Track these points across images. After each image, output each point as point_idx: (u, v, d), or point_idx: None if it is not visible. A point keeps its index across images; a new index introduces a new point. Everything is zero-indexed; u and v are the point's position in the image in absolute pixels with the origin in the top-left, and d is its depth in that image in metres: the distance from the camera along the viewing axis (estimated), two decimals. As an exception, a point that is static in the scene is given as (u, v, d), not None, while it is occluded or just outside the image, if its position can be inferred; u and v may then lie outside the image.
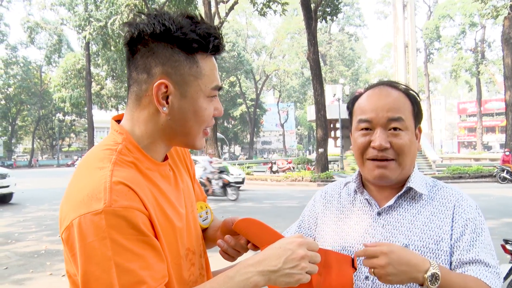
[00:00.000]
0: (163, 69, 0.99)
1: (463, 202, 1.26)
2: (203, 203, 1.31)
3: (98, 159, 0.97)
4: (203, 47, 1.00)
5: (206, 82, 1.02)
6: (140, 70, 1.01)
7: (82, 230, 0.86)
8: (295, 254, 0.94)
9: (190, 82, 1.00)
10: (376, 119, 1.26)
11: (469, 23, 47.30)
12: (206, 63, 1.02)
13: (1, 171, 15.04)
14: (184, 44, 0.98)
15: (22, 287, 5.65)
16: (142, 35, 0.98)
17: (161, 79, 0.98)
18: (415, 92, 1.32)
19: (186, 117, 1.02)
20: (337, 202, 1.42)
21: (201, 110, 1.03)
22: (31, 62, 57.37)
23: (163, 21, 0.97)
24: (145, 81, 1.00)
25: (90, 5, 33.80)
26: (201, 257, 1.18)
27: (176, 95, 1.00)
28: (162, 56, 0.98)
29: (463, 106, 68.63)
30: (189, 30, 0.98)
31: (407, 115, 1.25)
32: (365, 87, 1.38)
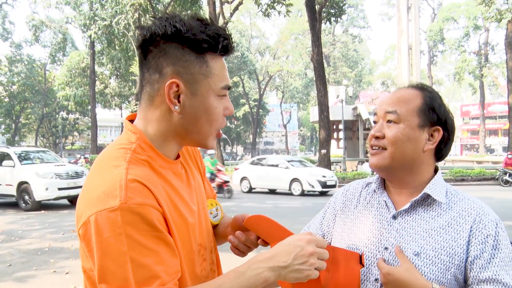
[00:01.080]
0: (174, 69, 1.02)
1: (484, 217, 1.24)
2: (213, 200, 1.35)
3: (113, 157, 1.02)
4: (213, 47, 1.03)
5: (216, 81, 1.06)
6: (152, 71, 1.04)
7: (98, 226, 0.90)
8: (305, 251, 0.97)
9: (200, 81, 1.04)
10: (378, 112, 1.34)
11: (473, 26, 47.23)
12: (216, 63, 1.05)
13: (77, 169, 14.33)
14: (194, 44, 1.02)
15: (25, 284, 5.69)
16: (154, 37, 1.02)
17: (172, 79, 1.02)
18: (437, 94, 1.33)
19: (197, 115, 1.05)
20: (357, 201, 1.43)
21: (211, 108, 1.06)
22: (36, 60, 57.41)
23: (174, 23, 1.01)
24: (157, 81, 1.04)
25: (95, 4, 33.91)
26: (212, 252, 1.21)
27: (187, 94, 1.04)
28: (173, 56, 1.02)
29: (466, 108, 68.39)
30: (199, 31, 1.01)
31: (407, 110, 1.28)
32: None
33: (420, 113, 1.28)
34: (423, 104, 1.29)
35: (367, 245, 1.30)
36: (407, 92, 1.32)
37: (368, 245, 1.30)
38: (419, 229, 1.25)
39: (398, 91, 1.35)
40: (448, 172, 23.18)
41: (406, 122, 1.27)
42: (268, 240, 1.15)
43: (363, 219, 1.37)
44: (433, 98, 1.31)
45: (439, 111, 1.30)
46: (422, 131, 1.28)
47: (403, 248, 1.24)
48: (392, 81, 61.11)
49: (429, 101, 1.30)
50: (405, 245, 1.25)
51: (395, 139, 1.27)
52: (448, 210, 1.27)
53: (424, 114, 1.28)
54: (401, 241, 1.26)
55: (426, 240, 1.23)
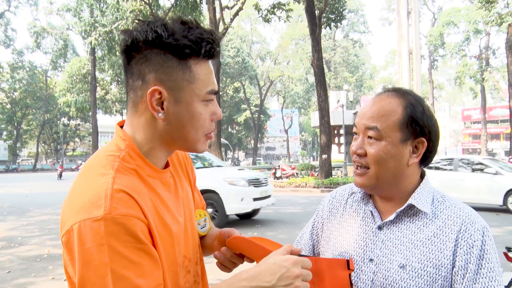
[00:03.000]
0: (156, 76, 1.00)
1: (470, 226, 1.18)
2: (202, 210, 1.32)
3: (101, 165, 1.00)
4: (195, 52, 1.00)
5: (201, 86, 1.03)
6: (136, 77, 1.02)
7: (81, 235, 0.88)
8: (290, 273, 0.94)
9: (183, 88, 1.01)
10: (358, 125, 1.26)
11: (473, 30, 47.25)
12: (200, 68, 1.03)
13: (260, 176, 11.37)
14: (176, 49, 0.99)
15: (24, 291, 5.67)
16: (136, 42, 1.00)
17: (154, 86, 1.00)
18: (418, 101, 1.25)
19: (182, 122, 1.03)
20: (343, 209, 1.40)
21: (196, 115, 1.03)
22: (37, 67, 57.77)
23: (155, 28, 0.98)
24: (140, 87, 1.02)
25: (96, 10, 34.02)
26: (197, 264, 1.19)
27: (171, 101, 1.01)
28: (155, 62, 1.00)
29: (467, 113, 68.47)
30: (181, 36, 0.99)
31: (388, 125, 1.20)
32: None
33: (401, 127, 1.20)
34: (405, 116, 1.21)
35: (353, 256, 1.27)
36: (387, 102, 1.23)
37: (354, 256, 1.26)
38: (405, 240, 1.21)
39: (378, 99, 1.26)
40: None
41: (388, 139, 1.20)
42: (252, 258, 1.14)
43: (349, 229, 1.34)
44: (415, 107, 1.22)
45: (422, 121, 1.22)
46: (405, 146, 1.21)
47: (388, 259, 1.21)
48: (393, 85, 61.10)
49: (410, 112, 1.21)
50: (390, 257, 1.21)
51: (378, 158, 1.21)
52: (434, 220, 1.22)
53: (406, 127, 1.21)
54: (387, 252, 1.22)
55: (412, 251, 1.19)
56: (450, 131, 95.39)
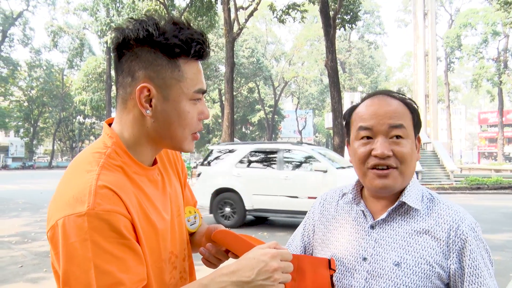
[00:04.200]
0: (145, 73, 1.02)
1: (461, 223, 1.20)
2: (192, 207, 1.33)
3: (87, 162, 1.02)
4: (185, 51, 1.02)
5: (189, 85, 1.05)
6: (125, 74, 1.04)
7: (65, 231, 0.90)
8: (268, 266, 0.95)
9: (172, 86, 1.03)
10: (377, 127, 1.22)
11: (491, 32, 46.63)
12: (189, 67, 1.05)
13: None
14: (166, 48, 1.01)
15: (36, 285, 5.76)
16: (127, 40, 1.02)
17: (143, 83, 1.02)
18: (413, 101, 1.29)
19: (170, 120, 1.05)
20: (334, 211, 1.40)
21: (183, 113, 1.05)
22: (54, 65, 58.47)
23: (146, 27, 1.01)
24: (129, 84, 1.04)
25: (112, 10, 34.34)
26: (184, 260, 1.21)
27: (159, 98, 1.03)
28: (145, 60, 1.02)
29: (484, 116, 67.57)
30: (172, 35, 1.01)
31: (408, 124, 1.22)
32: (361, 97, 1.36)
33: (414, 126, 1.26)
34: (414, 115, 1.26)
35: (346, 256, 1.27)
36: (395, 103, 1.25)
37: (347, 256, 1.27)
38: (398, 238, 1.22)
39: (384, 102, 1.25)
40: (464, 180, 22.84)
41: (411, 137, 1.23)
42: (236, 253, 1.14)
43: (341, 230, 1.34)
44: (412, 106, 1.28)
45: (419, 118, 1.29)
46: (414, 142, 1.26)
47: (382, 258, 1.22)
48: (409, 87, 60.64)
49: (413, 110, 1.27)
50: (384, 255, 1.22)
51: (408, 157, 1.20)
52: (425, 217, 1.23)
53: (415, 125, 1.26)
54: (380, 251, 1.23)
55: (405, 249, 1.20)
56: (466, 134, 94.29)
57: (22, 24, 53.10)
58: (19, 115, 57.63)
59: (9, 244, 8.47)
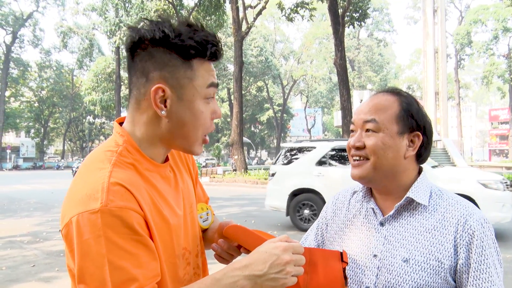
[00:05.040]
0: (160, 74, 1.03)
1: (469, 218, 1.21)
2: (204, 204, 1.34)
3: (99, 160, 1.03)
4: (201, 53, 1.03)
5: (201, 82, 1.05)
6: (139, 74, 1.05)
7: (79, 228, 0.91)
8: (280, 259, 0.96)
9: (185, 85, 1.04)
10: (356, 121, 1.31)
11: (502, 28, 46.22)
12: (202, 67, 1.05)
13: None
14: (182, 50, 1.02)
15: (48, 285, 5.80)
16: (142, 40, 1.03)
17: (158, 84, 1.02)
18: (413, 99, 1.31)
19: (184, 120, 1.05)
20: (346, 209, 1.43)
21: (198, 113, 1.06)
22: (64, 66, 58.98)
23: (162, 28, 1.01)
24: (143, 85, 1.04)
25: (121, 10, 34.52)
26: (197, 256, 1.21)
27: (174, 99, 1.04)
28: (160, 61, 1.02)
29: (494, 113, 67.00)
30: (187, 37, 1.01)
31: (385, 118, 1.25)
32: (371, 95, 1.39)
33: (398, 120, 1.26)
34: (401, 110, 1.26)
35: (357, 253, 1.29)
36: (384, 99, 1.29)
37: (358, 253, 1.29)
38: (406, 235, 1.24)
39: (374, 98, 1.32)
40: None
41: (386, 131, 1.25)
42: (248, 248, 1.14)
43: (353, 227, 1.37)
44: (410, 104, 1.29)
45: (417, 116, 1.28)
46: (402, 138, 1.26)
47: (391, 254, 1.24)
48: (418, 85, 60.33)
49: (406, 107, 1.27)
50: (393, 252, 1.24)
51: (376, 148, 1.25)
52: (433, 213, 1.25)
53: (403, 120, 1.26)
54: (390, 247, 1.25)
55: (414, 245, 1.22)
56: (477, 131, 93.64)
57: (32, 25, 53.60)
58: (29, 115, 58.20)
59: (21, 243, 8.52)
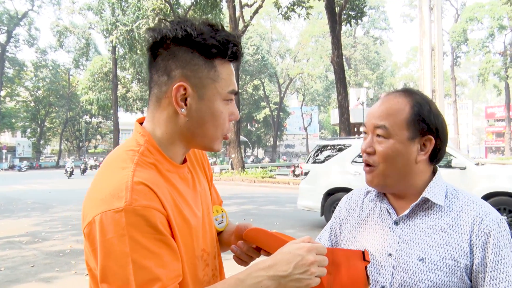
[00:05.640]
0: (182, 72, 1.04)
1: (485, 217, 1.20)
2: (219, 207, 1.35)
3: (121, 159, 1.03)
4: (222, 53, 1.04)
5: (223, 85, 1.07)
6: (161, 73, 1.06)
7: (103, 226, 0.91)
8: (305, 260, 0.96)
9: (207, 85, 1.05)
10: (367, 125, 1.31)
11: (497, 26, 46.29)
12: (224, 68, 1.07)
13: None
14: (204, 49, 1.03)
15: (48, 285, 5.80)
16: (164, 39, 1.04)
17: (180, 82, 1.03)
18: (425, 100, 1.28)
19: (204, 119, 1.06)
20: (360, 209, 1.43)
21: (217, 113, 1.07)
22: (60, 65, 58.71)
23: (185, 27, 1.02)
24: (165, 83, 1.05)
25: (117, 9, 34.39)
26: (215, 258, 1.22)
27: (194, 97, 1.05)
28: (182, 59, 1.03)
29: (491, 110, 67.21)
30: (209, 36, 1.03)
31: (396, 123, 1.24)
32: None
33: (409, 125, 1.24)
34: (412, 114, 1.24)
35: (372, 253, 1.30)
36: (395, 102, 1.27)
37: (373, 252, 1.29)
38: (422, 234, 1.24)
39: (385, 100, 1.30)
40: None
41: (396, 137, 1.24)
42: (269, 250, 1.15)
43: (367, 227, 1.37)
44: (422, 105, 1.26)
45: (429, 119, 1.25)
46: (412, 143, 1.25)
47: (406, 253, 1.24)
48: (415, 83, 60.41)
49: (417, 111, 1.25)
50: (409, 251, 1.24)
51: (386, 156, 1.24)
52: (448, 212, 1.25)
53: (413, 125, 1.24)
54: (405, 247, 1.25)
55: (429, 244, 1.22)
56: (473, 129, 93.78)
57: (27, 24, 53.26)
58: (25, 115, 57.93)
59: (19, 244, 8.52)
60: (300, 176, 26.66)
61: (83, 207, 1.01)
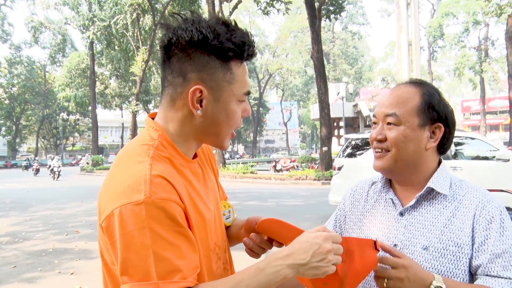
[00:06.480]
0: (198, 75, 1.04)
1: (487, 204, 1.24)
2: (226, 202, 1.37)
3: (136, 153, 1.04)
4: (238, 55, 1.05)
5: (238, 87, 1.08)
6: (176, 74, 1.06)
7: (122, 219, 0.92)
8: (322, 248, 0.99)
9: (223, 88, 1.06)
10: (378, 114, 1.34)
11: (472, 21, 47.06)
12: (239, 70, 1.08)
13: None
14: (220, 52, 1.03)
15: (31, 285, 5.70)
16: (180, 41, 1.03)
17: (196, 85, 1.04)
18: (435, 90, 1.33)
19: (219, 119, 1.08)
20: (364, 201, 1.46)
21: (232, 113, 1.09)
22: (35, 62, 57.57)
23: (200, 29, 1.02)
24: (180, 84, 1.06)
25: (94, 4, 33.86)
26: (225, 252, 1.24)
27: (210, 100, 1.06)
28: (198, 62, 1.04)
29: (466, 104, 68.35)
30: (225, 38, 1.03)
31: (406, 111, 1.28)
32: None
33: (419, 113, 1.28)
34: (422, 102, 1.29)
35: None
36: (405, 91, 1.32)
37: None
38: (426, 223, 1.27)
39: (396, 89, 1.34)
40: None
41: (407, 124, 1.28)
42: (282, 241, 1.17)
43: (372, 218, 1.40)
44: (432, 95, 1.31)
45: (439, 107, 1.30)
46: (423, 130, 1.29)
47: (411, 243, 1.26)
48: (392, 77, 61.05)
49: (427, 99, 1.29)
50: (413, 240, 1.26)
51: (397, 141, 1.28)
52: (452, 201, 1.28)
53: (424, 113, 1.28)
54: (410, 236, 1.28)
55: (433, 233, 1.25)
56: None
57: (0, 20, 52.06)
58: (0, 113, 56.68)
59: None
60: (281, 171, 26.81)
61: (99, 201, 1.02)
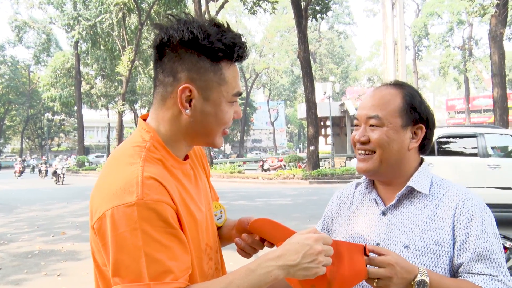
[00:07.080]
0: (188, 75, 1.05)
1: (467, 202, 1.25)
2: (217, 203, 1.38)
3: (128, 155, 1.05)
4: (228, 56, 1.06)
5: (229, 88, 1.09)
6: (167, 73, 1.07)
7: (114, 221, 0.92)
8: (313, 249, 1.00)
9: (213, 88, 1.07)
10: (360, 117, 1.35)
11: (456, 21, 47.53)
12: (230, 71, 1.08)
13: None
14: (210, 52, 1.04)
15: (17, 287, 5.65)
16: (171, 40, 1.04)
17: (185, 84, 1.05)
18: (416, 91, 1.35)
19: (208, 119, 1.09)
20: (350, 202, 1.48)
21: (222, 113, 1.09)
22: (19, 62, 56.79)
23: (191, 29, 1.03)
24: (170, 84, 1.07)
25: (79, 4, 33.53)
26: (217, 252, 1.25)
27: (199, 99, 1.07)
28: (188, 62, 1.05)
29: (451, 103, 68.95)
30: (216, 39, 1.03)
31: (388, 112, 1.30)
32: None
33: (402, 114, 1.30)
34: (404, 104, 1.31)
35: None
36: (387, 93, 1.33)
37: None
38: (407, 222, 1.29)
39: (377, 91, 1.36)
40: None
41: (390, 125, 1.29)
42: (273, 241, 1.18)
43: (356, 219, 1.42)
44: (413, 96, 1.33)
45: (420, 109, 1.32)
46: (405, 131, 1.31)
47: (393, 242, 1.28)
48: (378, 76, 61.46)
49: (409, 100, 1.32)
50: (395, 239, 1.28)
51: (381, 142, 1.29)
52: (433, 200, 1.30)
53: (406, 114, 1.30)
54: (391, 235, 1.29)
55: (414, 231, 1.26)
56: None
57: (-17, 19, 51.27)
58: (-17, 113, 55.88)
59: (-16, 246, 8.25)
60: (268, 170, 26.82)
61: (91, 202, 1.02)
